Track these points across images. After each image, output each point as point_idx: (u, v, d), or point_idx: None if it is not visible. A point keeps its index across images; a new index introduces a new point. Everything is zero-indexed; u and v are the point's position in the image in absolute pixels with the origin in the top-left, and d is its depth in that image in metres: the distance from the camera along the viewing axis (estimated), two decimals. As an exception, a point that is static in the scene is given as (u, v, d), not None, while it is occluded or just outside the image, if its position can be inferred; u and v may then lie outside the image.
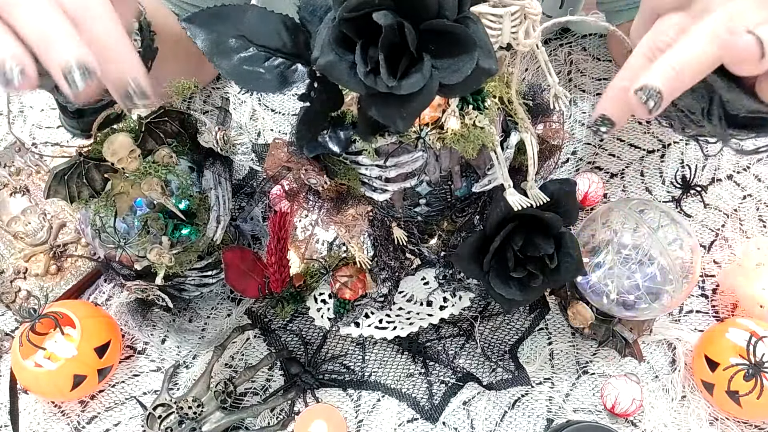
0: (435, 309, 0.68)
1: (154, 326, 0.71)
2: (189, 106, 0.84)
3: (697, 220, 0.75)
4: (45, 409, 0.71)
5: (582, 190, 0.74)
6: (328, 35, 0.35)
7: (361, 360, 0.71)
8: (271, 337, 0.73)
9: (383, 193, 0.50)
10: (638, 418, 0.67)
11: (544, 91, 0.51)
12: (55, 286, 0.75)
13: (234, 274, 0.63)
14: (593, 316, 0.65)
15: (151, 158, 0.60)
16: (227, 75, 0.40)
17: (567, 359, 0.70)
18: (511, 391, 0.69)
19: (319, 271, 0.68)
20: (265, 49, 0.40)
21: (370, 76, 0.35)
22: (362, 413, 0.69)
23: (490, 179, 0.52)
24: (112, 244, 0.62)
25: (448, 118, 0.46)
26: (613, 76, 0.82)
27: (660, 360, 0.70)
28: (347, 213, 0.53)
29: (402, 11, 0.34)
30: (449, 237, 0.60)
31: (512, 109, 0.49)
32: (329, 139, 0.46)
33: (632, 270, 0.61)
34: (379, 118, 0.37)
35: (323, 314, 0.67)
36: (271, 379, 0.71)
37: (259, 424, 0.68)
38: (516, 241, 0.53)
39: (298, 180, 0.51)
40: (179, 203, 0.62)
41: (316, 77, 0.40)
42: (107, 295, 0.76)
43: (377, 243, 0.63)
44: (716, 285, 0.73)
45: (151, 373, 0.72)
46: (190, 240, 0.63)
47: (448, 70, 0.36)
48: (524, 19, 0.40)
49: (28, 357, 0.66)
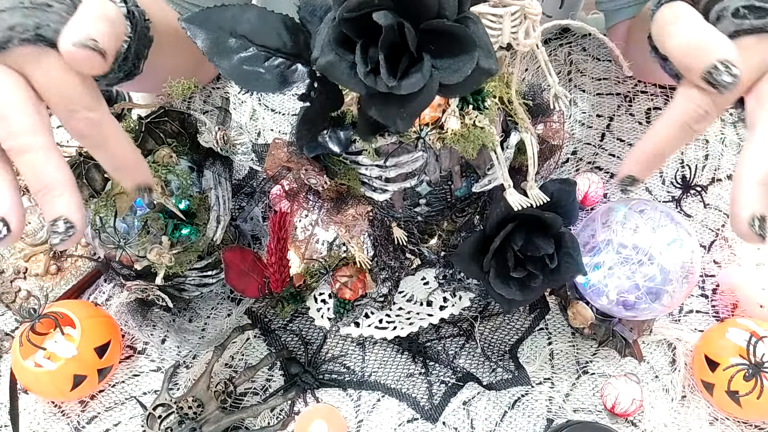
0: (435, 309, 0.68)
1: (154, 326, 0.71)
2: (189, 106, 0.84)
3: (697, 220, 0.75)
4: (45, 409, 0.71)
5: (582, 190, 0.74)
6: (328, 35, 0.35)
7: (361, 360, 0.71)
8: (271, 337, 0.73)
9: (383, 193, 0.50)
10: (638, 418, 0.67)
11: (544, 91, 0.51)
12: (55, 286, 0.75)
13: (234, 274, 0.63)
14: (593, 316, 0.65)
15: (151, 158, 0.60)
16: (227, 75, 0.40)
17: (567, 359, 0.70)
18: (511, 391, 0.69)
19: (319, 271, 0.68)
20: (265, 49, 0.40)
21: (370, 76, 0.35)
22: (362, 413, 0.69)
23: (490, 179, 0.52)
24: (112, 244, 0.62)
25: (448, 118, 0.46)
26: (613, 76, 0.82)
27: (660, 360, 0.70)
28: (347, 213, 0.53)
29: (402, 11, 0.34)
30: (449, 237, 0.61)
31: (512, 109, 0.49)
32: (329, 139, 0.46)
33: (632, 270, 0.61)
34: (379, 118, 0.37)
35: (323, 314, 0.67)
36: (271, 379, 0.71)
37: (259, 424, 0.68)
38: (516, 241, 0.53)
39: (298, 180, 0.51)
40: (179, 203, 0.62)
41: (316, 77, 0.40)
42: (107, 295, 0.76)
43: (377, 243, 0.63)
44: (716, 285, 0.73)
45: (151, 373, 0.72)
46: (190, 240, 0.63)
47: (448, 70, 0.36)
48: (524, 19, 0.40)
49: (28, 357, 0.66)
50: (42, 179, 0.38)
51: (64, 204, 0.38)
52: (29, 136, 0.38)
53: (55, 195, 0.38)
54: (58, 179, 0.38)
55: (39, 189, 0.38)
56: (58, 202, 0.38)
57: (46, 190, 0.38)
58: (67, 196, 0.38)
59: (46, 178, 0.38)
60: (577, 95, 0.82)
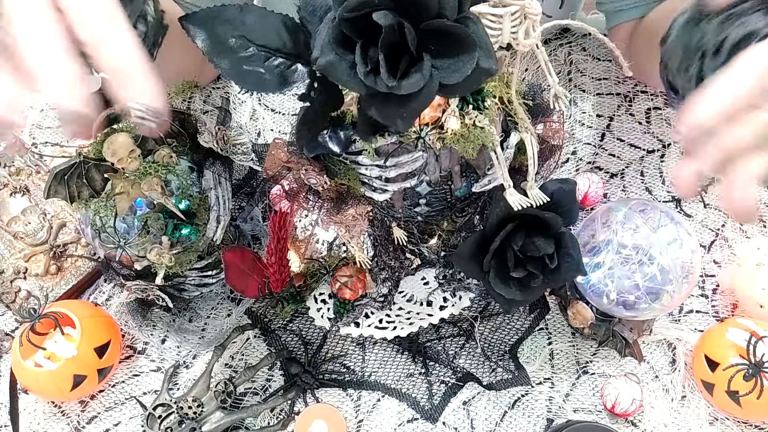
0: (435, 309, 0.67)
1: (154, 326, 0.71)
2: (189, 106, 0.84)
3: (697, 220, 0.75)
4: (45, 409, 0.71)
5: (582, 190, 0.74)
6: (328, 35, 0.35)
7: (361, 360, 0.71)
8: (271, 337, 0.73)
9: (383, 193, 0.50)
10: (638, 418, 0.67)
11: (544, 91, 0.51)
12: (55, 286, 0.75)
13: (234, 274, 0.63)
14: (593, 316, 0.65)
15: (151, 158, 0.60)
16: (227, 75, 0.40)
17: (567, 359, 0.70)
18: (511, 391, 0.69)
19: (319, 271, 0.68)
20: (265, 49, 0.40)
21: (370, 76, 0.35)
22: (362, 413, 0.69)
23: (490, 179, 0.52)
24: (112, 244, 0.62)
25: (448, 118, 0.46)
26: (613, 76, 0.82)
27: (660, 360, 0.70)
28: (347, 213, 0.53)
29: (402, 11, 0.34)
30: (449, 237, 0.61)
31: (512, 109, 0.49)
32: (329, 139, 0.46)
33: (632, 270, 0.61)
34: (379, 118, 0.37)
35: (323, 314, 0.67)
36: (271, 379, 0.71)
37: (259, 424, 0.68)
38: (516, 241, 0.53)
39: (298, 180, 0.51)
40: (179, 203, 0.62)
41: (316, 77, 0.40)
42: (107, 295, 0.76)
43: (377, 243, 0.63)
44: (716, 285, 0.73)
45: (151, 373, 0.72)
46: (190, 240, 0.63)
47: (448, 70, 0.36)
48: (524, 19, 0.40)
49: (28, 357, 0.66)
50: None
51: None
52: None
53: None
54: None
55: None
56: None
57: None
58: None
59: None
60: (577, 95, 0.82)
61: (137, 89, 0.37)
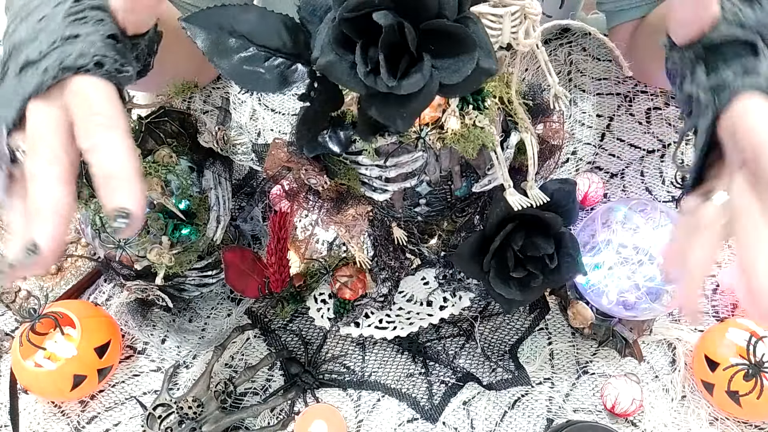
0: (435, 309, 0.68)
1: (154, 326, 0.71)
2: (189, 106, 0.84)
3: (697, 220, 0.75)
4: (45, 409, 0.71)
5: (582, 190, 0.74)
6: (328, 35, 0.35)
7: (361, 360, 0.71)
8: (271, 337, 0.73)
9: (383, 193, 0.50)
10: (638, 418, 0.67)
11: (544, 91, 0.51)
12: (55, 286, 0.75)
13: (234, 274, 0.63)
14: (593, 316, 0.65)
15: (151, 158, 0.60)
16: (227, 75, 0.40)
17: (567, 359, 0.70)
18: (511, 391, 0.69)
19: (319, 271, 0.68)
20: (265, 49, 0.40)
21: (370, 76, 0.35)
22: (362, 413, 0.69)
23: (490, 179, 0.52)
24: (112, 244, 0.62)
25: (448, 118, 0.46)
26: (613, 76, 0.82)
27: (660, 360, 0.69)
28: (347, 213, 0.53)
29: (402, 11, 0.34)
30: (449, 237, 0.60)
31: (512, 109, 0.49)
32: (329, 139, 0.46)
33: (632, 270, 0.61)
34: (379, 118, 0.37)
35: (323, 314, 0.67)
36: (271, 379, 0.71)
37: (259, 424, 0.68)
38: (516, 241, 0.53)
39: (298, 180, 0.51)
40: (179, 203, 0.62)
41: (316, 77, 0.40)
42: (107, 295, 0.76)
43: (377, 243, 0.63)
44: (716, 285, 0.73)
45: (151, 373, 0.72)
46: (190, 240, 0.63)
47: (448, 70, 0.36)
48: (524, 19, 0.40)
49: (28, 357, 0.66)
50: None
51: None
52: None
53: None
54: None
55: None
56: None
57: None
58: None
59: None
60: (577, 95, 0.82)
61: (122, 194, 0.39)
